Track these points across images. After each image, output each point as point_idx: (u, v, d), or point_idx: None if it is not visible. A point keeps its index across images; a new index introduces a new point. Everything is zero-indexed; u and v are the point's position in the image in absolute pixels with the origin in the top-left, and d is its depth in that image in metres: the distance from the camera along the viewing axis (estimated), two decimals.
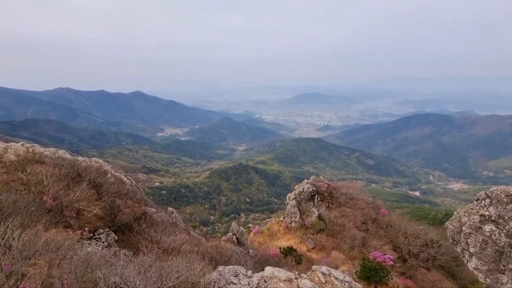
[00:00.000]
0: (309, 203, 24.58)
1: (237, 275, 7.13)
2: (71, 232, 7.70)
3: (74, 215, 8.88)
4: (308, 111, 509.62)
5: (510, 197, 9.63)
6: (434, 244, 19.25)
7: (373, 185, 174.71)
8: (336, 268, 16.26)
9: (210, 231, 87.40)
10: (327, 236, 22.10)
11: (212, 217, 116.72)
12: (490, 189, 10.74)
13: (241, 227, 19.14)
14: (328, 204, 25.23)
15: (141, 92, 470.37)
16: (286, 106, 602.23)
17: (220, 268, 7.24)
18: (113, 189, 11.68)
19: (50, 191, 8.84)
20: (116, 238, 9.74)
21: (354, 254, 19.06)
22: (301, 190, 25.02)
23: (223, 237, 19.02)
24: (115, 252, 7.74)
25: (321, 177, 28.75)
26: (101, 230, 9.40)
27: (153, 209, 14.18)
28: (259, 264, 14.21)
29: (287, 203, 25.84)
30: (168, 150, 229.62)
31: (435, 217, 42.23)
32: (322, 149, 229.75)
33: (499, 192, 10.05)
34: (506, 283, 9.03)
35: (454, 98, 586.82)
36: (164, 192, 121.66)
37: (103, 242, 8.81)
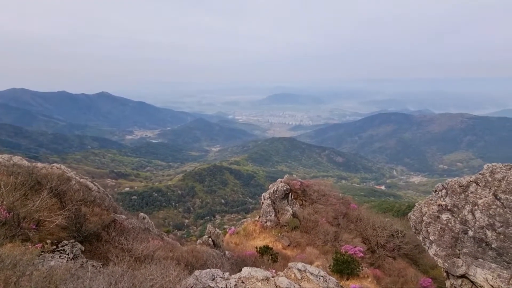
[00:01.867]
0: (283, 201, 25.01)
1: (214, 278, 7.08)
2: (30, 246, 7.09)
3: (34, 226, 8.20)
4: (280, 111, 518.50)
5: (462, 187, 10.61)
6: (399, 235, 20.62)
7: (343, 181, 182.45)
8: (311, 263, 16.74)
9: (185, 235, 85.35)
10: (301, 233, 22.65)
11: (186, 221, 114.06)
12: (446, 181, 11.75)
13: (216, 229, 18.96)
14: (302, 201, 25.87)
15: (107, 93, 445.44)
16: (259, 106, 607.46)
17: (197, 272, 7.13)
18: (77, 196, 10.95)
19: (4, 202, 8.07)
20: (83, 248, 9.15)
21: (327, 249, 19.75)
22: (275, 189, 25.37)
23: (199, 240, 18.71)
24: (82, 264, 7.28)
25: (294, 176, 29.39)
26: (66, 242, 8.78)
27: (123, 216, 13.55)
28: (236, 265, 14.19)
29: (262, 203, 26.05)
30: (139, 153, 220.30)
31: (399, 209, 45.23)
32: (294, 148, 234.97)
33: (453, 183, 11.03)
34: (461, 265, 9.93)
35: (412, 98, 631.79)
36: (135, 197, 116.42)
37: (68, 254, 8.24)
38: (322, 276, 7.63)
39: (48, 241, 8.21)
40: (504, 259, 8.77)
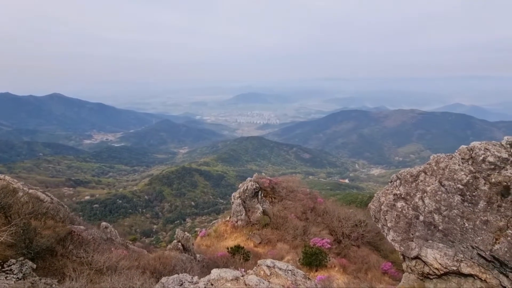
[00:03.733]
0: (254, 200, 25.21)
1: (182, 284, 6.91)
2: None
3: None
4: (248, 111, 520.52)
5: (413, 177, 11.60)
6: (362, 224, 21.98)
7: (310, 177, 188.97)
8: (282, 258, 17.12)
9: (154, 242, 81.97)
10: (272, 229, 23.04)
11: (155, 227, 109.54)
12: (399, 172, 12.77)
13: (186, 232, 18.51)
14: (271, 199, 26.31)
15: (60, 94, 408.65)
16: (227, 106, 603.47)
17: (163, 279, 6.91)
18: (26, 209, 9.95)
19: None
20: (35, 266, 8.34)
21: (297, 243, 20.35)
22: (245, 188, 25.47)
23: (169, 246, 18.13)
24: (32, 284, 6.64)
25: (263, 174, 29.78)
26: (13, 260, 7.93)
27: (82, 227, 12.62)
28: (207, 267, 13.99)
29: (233, 202, 26.01)
30: (99, 159, 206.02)
31: (362, 200, 48.12)
32: (263, 146, 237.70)
33: (405, 173, 12.02)
34: (414, 248, 10.87)
35: (370, 95, 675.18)
36: (96, 205, 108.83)
37: (16, 274, 7.45)
38: (290, 270, 7.86)
39: None
40: (449, 238, 9.78)
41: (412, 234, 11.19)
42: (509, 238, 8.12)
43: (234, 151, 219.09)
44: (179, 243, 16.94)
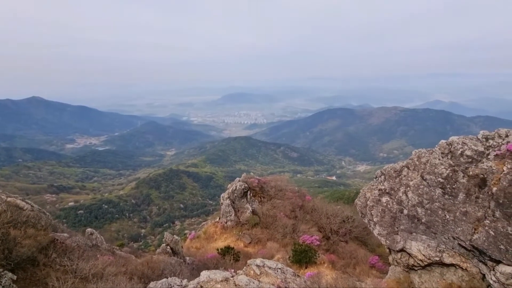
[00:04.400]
0: (243, 200, 25.19)
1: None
2: None
3: None
4: (235, 111, 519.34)
5: (397, 172, 11.93)
6: (349, 220, 22.42)
7: (298, 175, 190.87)
8: (272, 257, 17.21)
9: (142, 246, 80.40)
10: (261, 229, 23.10)
11: (143, 231, 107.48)
12: (384, 167, 13.11)
13: (175, 235, 18.29)
14: (260, 198, 26.37)
15: (39, 97, 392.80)
16: (214, 107, 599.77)
17: (151, 284, 6.80)
18: (5, 218, 9.52)
19: None
20: (15, 277, 7.99)
21: (286, 241, 20.50)
22: (234, 188, 25.41)
23: (157, 250, 17.86)
24: None
25: (251, 174, 29.83)
26: None
27: (66, 234, 12.21)
28: (197, 270, 13.86)
29: (222, 203, 25.89)
30: (83, 163, 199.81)
31: (349, 196, 49.11)
32: (251, 146, 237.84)
33: (389, 169, 12.34)
34: (400, 241, 11.19)
35: (354, 94, 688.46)
36: (81, 211, 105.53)
37: None
38: (279, 269, 7.92)
39: None
40: (432, 230, 10.13)
41: (397, 228, 11.52)
42: (486, 228, 8.51)
43: (222, 152, 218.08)
44: (168, 247, 16.71)
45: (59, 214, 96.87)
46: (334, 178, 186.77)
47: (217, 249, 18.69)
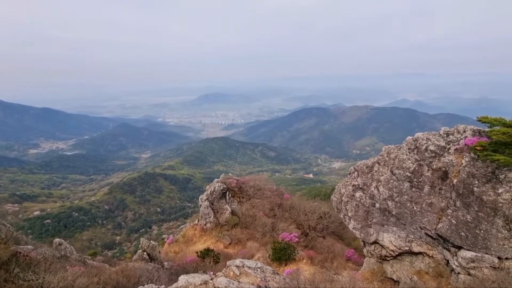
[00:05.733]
0: (222, 201, 25.02)
1: None
2: None
3: None
4: (212, 111, 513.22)
5: (369, 168, 12.50)
6: (326, 216, 23.10)
7: (277, 174, 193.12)
8: (252, 256, 17.28)
9: (118, 254, 77.01)
10: (241, 229, 23.09)
11: (118, 238, 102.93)
12: (357, 164, 13.66)
13: (151, 241, 17.74)
14: (239, 198, 26.35)
15: None
16: (190, 107, 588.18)
17: None
18: None
19: None
20: None
21: (266, 240, 20.66)
22: (212, 189, 25.16)
23: (134, 257, 17.23)
24: None
25: (230, 174, 29.68)
26: None
27: (30, 246, 11.39)
28: (176, 275, 13.54)
29: (200, 205, 25.53)
30: (49, 169, 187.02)
31: (325, 193, 50.55)
32: (229, 147, 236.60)
33: (362, 165, 12.90)
34: (373, 233, 11.74)
35: (328, 93, 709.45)
36: (48, 221, 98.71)
37: None
38: (259, 268, 7.98)
39: None
40: (401, 222, 10.73)
41: (370, 221, 12.07)
42: (449, 217, 9.18)
43: (200, 153, 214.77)
44: (145, 253, 16.17)
45: (22, 225, 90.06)
46: (311, 175, 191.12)
47: (197, 252, 18.41)
